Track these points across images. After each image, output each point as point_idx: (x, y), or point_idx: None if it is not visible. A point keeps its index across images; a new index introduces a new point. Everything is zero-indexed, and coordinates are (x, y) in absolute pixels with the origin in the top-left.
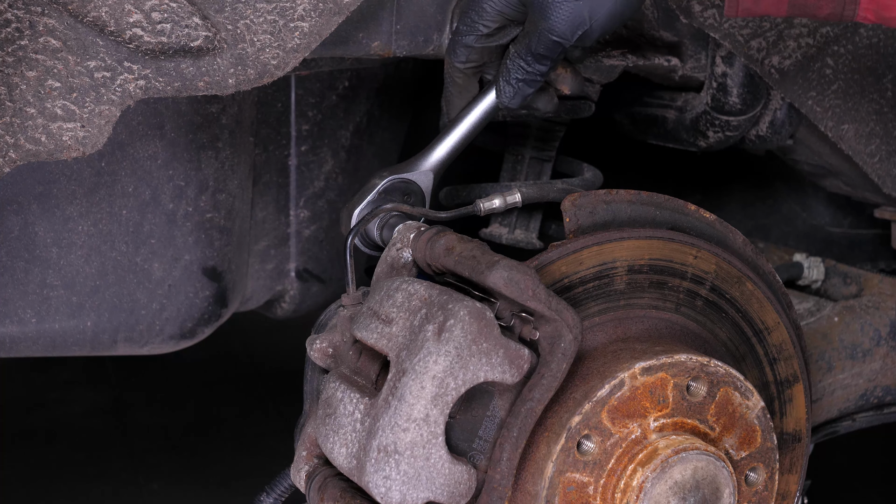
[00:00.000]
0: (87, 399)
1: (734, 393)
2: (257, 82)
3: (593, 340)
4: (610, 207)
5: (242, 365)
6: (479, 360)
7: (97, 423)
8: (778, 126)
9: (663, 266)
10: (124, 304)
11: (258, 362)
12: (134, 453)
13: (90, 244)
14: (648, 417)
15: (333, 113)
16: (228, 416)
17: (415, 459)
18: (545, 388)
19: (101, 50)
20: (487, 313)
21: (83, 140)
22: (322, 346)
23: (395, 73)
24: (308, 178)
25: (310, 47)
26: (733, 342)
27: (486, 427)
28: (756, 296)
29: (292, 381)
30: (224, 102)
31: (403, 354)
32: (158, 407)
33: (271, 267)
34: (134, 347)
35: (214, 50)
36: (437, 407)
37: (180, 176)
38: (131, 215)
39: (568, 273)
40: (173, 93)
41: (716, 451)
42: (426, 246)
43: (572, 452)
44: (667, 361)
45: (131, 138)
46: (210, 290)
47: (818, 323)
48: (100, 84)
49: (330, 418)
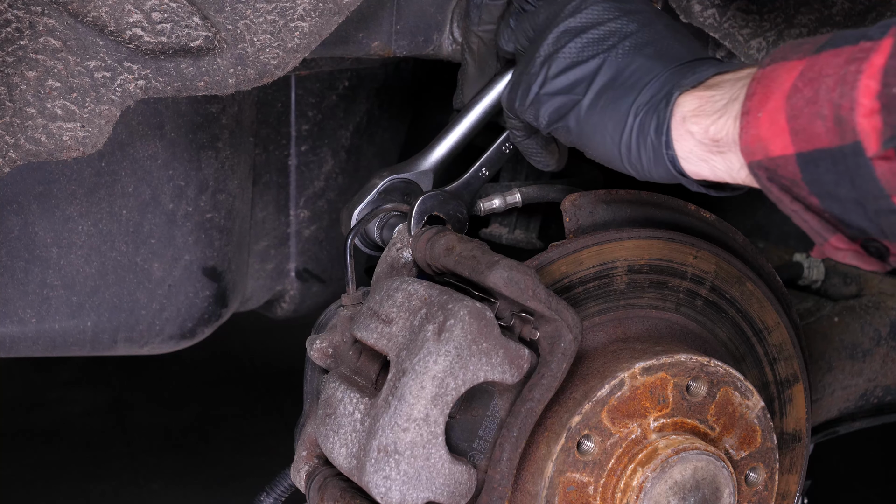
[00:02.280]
0: (87, 399)
1: (734, 393)
2: (257, 82)
3: (593, 340)
4: (610, 207)
5: (242, 365)
6: (479, 360)
7: (97, 423)
8: None
9: (663, 266)
10: (124, 304)
11: (258, 362)
12: (134, 453)
13: (90, 244)
14: (648, 417)
15: (333, 113)
16: (228, 416)
17: (415, 459)
18: (545, 387)
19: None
20: (487, 313)
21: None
22: (322, 346)
23: (395, 73)
24: (308, 178)
25: (310, 47)
26: (733, 342)
27: (486, 427)
28: (756, 296)
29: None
30: (224, 102)
31: (403, 354)
32: (158, 407)
33: (271, 267)
34: (134, 347)
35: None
36: (437, 407)
37: (180, 176)
38: (131, 215)
39: (568, 273)
40: (173, 93)
41: (716, 451)
42: (426, 246)
43: (572, 452)
44: (667, 361)
45: (131, 138)
46: (210, 290)
47: (818, 323)
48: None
49: (330, 418)
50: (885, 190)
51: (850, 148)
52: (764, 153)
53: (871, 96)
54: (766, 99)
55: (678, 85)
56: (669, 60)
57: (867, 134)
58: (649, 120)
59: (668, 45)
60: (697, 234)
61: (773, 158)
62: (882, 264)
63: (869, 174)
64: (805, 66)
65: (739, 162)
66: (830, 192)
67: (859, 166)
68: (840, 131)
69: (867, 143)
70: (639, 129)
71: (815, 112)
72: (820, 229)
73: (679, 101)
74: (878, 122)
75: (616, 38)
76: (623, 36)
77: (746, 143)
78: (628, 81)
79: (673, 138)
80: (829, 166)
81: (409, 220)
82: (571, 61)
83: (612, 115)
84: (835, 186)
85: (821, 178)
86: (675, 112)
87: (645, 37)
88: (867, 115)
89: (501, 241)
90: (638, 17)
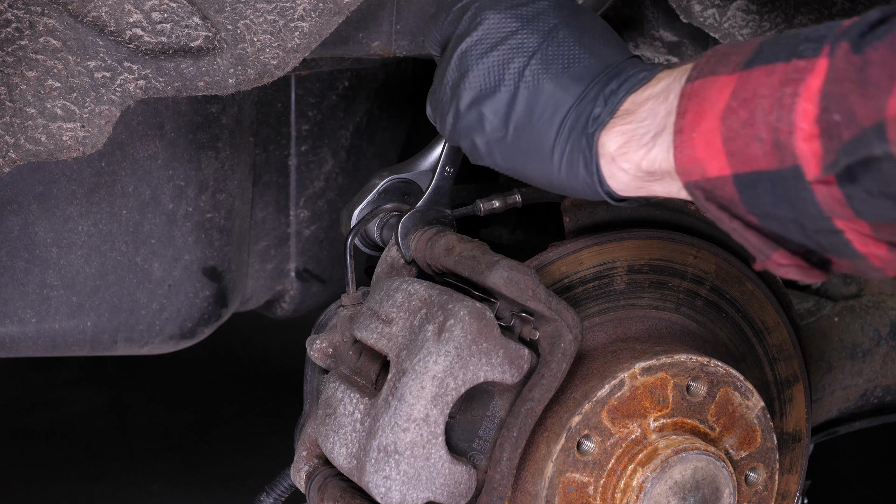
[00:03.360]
0: (87, 399)
1: (734, 393)
2: (257, 82)
3: (593, 340)
4: (610, 208)
5: (242, 365)
6: (479, 360)
7: (97, 423)
8: None
9: (663, 266)
10: (124, 304)
11: (258, 362)
12: (134, 453)
13: (90, 244)
14: (648, 417)
15: (333, 113)
16: (228, 416)
17: (415, 459)
18: (545, 388)
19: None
20: (487, 313)
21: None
22: (322, 346)
23: (396, 73)
24: (308, 177)
25: (310, 47)
26: (733, 342)
27: (486, 427)
28: (756, 296)
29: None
30: (224, 102)
31: (403, 354)
32: (158, 407)
33: (271, 267)
34: (134, 347)
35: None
36: (437, 407)
37: (180, 176)
38: (131, 215)
39: (568, 273)
40: (173, 93)
41: (716, 451)
42: (426, 246)
43: (572, 452)
44: (667, 361)
45: (131, 138)
46: (210, 290)
47: (818, 323)
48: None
49: (330, 418)
50: (825, 212)
51: (789, 171)
52: (700, 174)
53: (810, 120)
54: (699, 118)
55: (594, 119)
56: (578, 81)
57: (807, 159)
58: (576, 158)
59: (574, 56)
60: (698, 234)
61: (710, 179)
62: (825, 274)
63: (809, 197)
64: (737, 84)
65: (678, 185)
66: (769, 212)
67: (799, 189)
68: (779, 154)
69: (807, 167)
70: (567, 167)
71: (752, 134)
72: (761, 246)
73: (602, 141)
74: (818, 146)
75: (520, 58)
76: (527, 54)
77: (682, 163)
78: (543, 116)
79: (605, 176)
80: (767, 187)
81: (398, 247)
82: (479, 91)
83: (537, 154)
84: (773, 207)
85: (759, 198)
86: (601, 152)
87: (550, 52)
88: (806, 139)
89: (501, 241)
90: (538, 26)
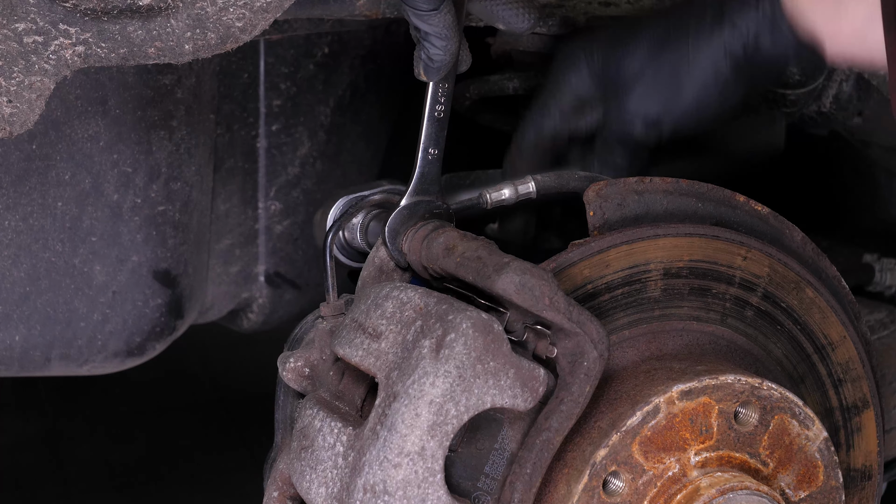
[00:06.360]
0: (16, 429)
1: (791, 421)
2: (219, 48)
3: (622, 358)
4: (642, 198)
5: (201, 388)
6: (484, 383)
7: (28, 457)
8: (844, 101)
9: (706, 269)
10: (60, 314)
11: (220, 385)
12: (71, 493)
13: (18, 243)
14: (688, 451)
15: (311, 85)
16: (185, 450)
17: (408, 501)
18: (564, 415)
19: (32, 10)
20: (495, 326)
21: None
22: (297, 366)
23: (385, 38)
24: (280, 163)
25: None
26: (790, 360)
27: (494, 462)
28: (818, 304)
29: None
30: (179, 73)
31: (394, 375)
32: (101, 438)
33: (236, 270)
34: (71, 366)
35: (168, 10)
36: (435, 438)
37: (127, 161)
38: (68, 208)
39: (592, 277)
40: (118, 61)
41: (769, 492)
42: (422, 245)
43: (597, 492)
44: (710, 383)
45: (68, 116)
46: (162, 298)
47: (892, 337)
48: (30, 51)
49: (306, 452)
50: None
51: None
52: None
53: None
54: None
55: None
56: None
57: None
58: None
59: None
60: (747, 230)
61: None
62: None
63: None
64: None
65: None
66: None
67: None
68: None
69: None
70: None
71: None
72: None
73: None
74: None
75: None
76: None
77: None
78: None
79: None
80: None
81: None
82: None
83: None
84: None
85: None
86: None
87: None
88: None
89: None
90: None
